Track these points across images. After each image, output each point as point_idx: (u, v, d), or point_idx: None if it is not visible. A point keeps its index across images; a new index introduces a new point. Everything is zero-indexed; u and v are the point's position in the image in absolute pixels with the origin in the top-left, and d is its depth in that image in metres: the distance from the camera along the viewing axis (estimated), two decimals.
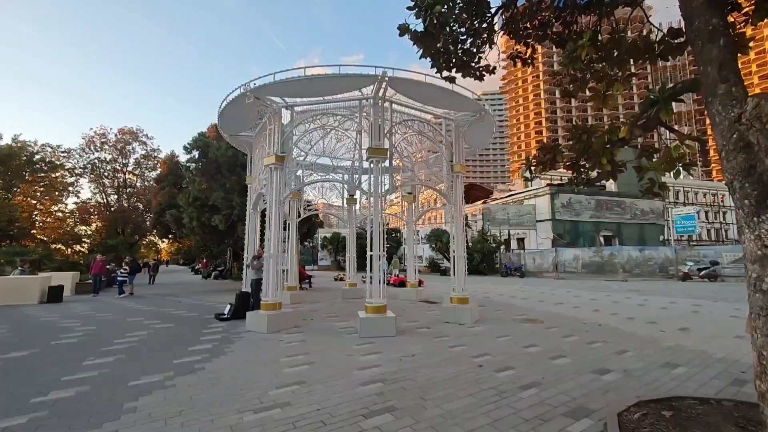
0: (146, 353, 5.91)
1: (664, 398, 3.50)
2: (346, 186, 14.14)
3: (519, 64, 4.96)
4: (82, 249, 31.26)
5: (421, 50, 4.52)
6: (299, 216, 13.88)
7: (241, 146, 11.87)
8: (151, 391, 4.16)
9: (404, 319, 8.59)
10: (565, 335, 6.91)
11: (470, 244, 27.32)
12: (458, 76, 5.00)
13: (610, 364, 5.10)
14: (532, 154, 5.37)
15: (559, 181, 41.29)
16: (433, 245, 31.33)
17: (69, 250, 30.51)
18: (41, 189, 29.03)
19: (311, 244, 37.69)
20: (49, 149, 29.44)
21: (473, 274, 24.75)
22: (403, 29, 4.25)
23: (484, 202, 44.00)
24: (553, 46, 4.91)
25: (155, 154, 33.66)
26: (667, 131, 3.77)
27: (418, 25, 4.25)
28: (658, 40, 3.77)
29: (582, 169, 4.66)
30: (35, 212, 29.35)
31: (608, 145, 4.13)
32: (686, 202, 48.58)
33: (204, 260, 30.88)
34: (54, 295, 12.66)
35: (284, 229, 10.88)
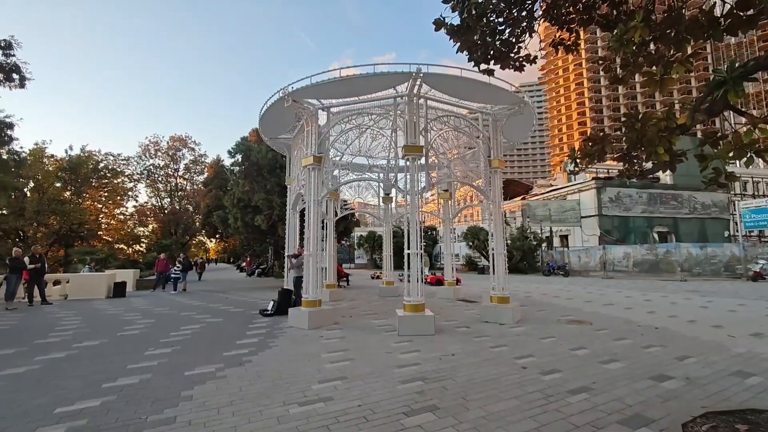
0: (199, 345, 6.31)
1: (737, 410, 3.18)
2: (381, 184, 14.22)
3: (561, 52, 4.71)
4: (141, 248, 33.97)
5: (458, 44, 4.42)
6: (336, 215, 14.16)
7: (280, 148, 12.31)
8: (204, 381, 4.43)
9: (442, 318, 8.49)
10: (617, 338, 6.49)
11: (509, 241, 26.46)
12: (496, 68, 4.84)
13: (669, 370, 4.72)
14: (575, 146, 5.08)
15: (606, 174, 38.82)
16: (470, 243, 30.71)
17: (129, 249, 33.28)
18: (105, 194, 31.89)
19: (348, 243, 38.32)
20: (111, 158, 32.26)
21: (513, 272, 23.94)
22: (439, 24, 4.18)
23: (524, 198, 42.38)
24: (598, 30, 4.61)
25: (202, 159, 35.87)
26: (734, 115, 3.41)
27: (454, 19, 4.16)
28: (724, 13, 3.42)
29: (635, 160, 4.34)
30: (101, 215, 32.30)
31: (665, 133, 3.81)
32: (756, 194, 43.75)
33: (248, 258, 32.44)
34: (118, 290, 13.87)
35: (322, 228, 11.14)
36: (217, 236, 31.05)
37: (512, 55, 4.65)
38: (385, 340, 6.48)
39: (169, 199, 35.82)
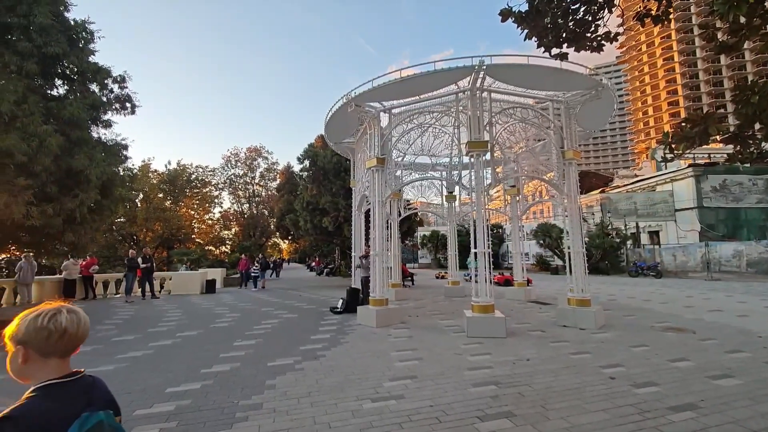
0: (278, 339, 6.83)
1: None
2: (444, 183, 14.01)
3: (648, 24, 4.18)
4: (226, 249, 37.85)
5: (526, 31, 4.18)
6: (400, 215, 14.28)
7: (344, 152, 12.79)
8: (285, 372, 4.79)
9: (514, 320, 8.08)
10: (730, 350, 5.55)
11: (587, 239, 24.17)
12: (570, 51, 4.47)
13: None
14: (666, 129, 4.46)
15: (707, 160, 33.53)
16: (541, 241, 28.71)
17: (217, 250, 37.28)
18: (197, 202, 36.12)
19: (411, 243, 38.40)
20: (200, 169, 36.52)
21: (593, 273, 21.78)
22: (506, 13, 3.99)
23: (603, 191, 38.43)
24: None
25: (275, 167, 38.87)
26: None
27: (521, 6, 3.94)
28: None
29: (750, 141, 3.68)
30: (193, 221, 36.67)
31: None
32: None
33: (317, 258, 34.31)
34: (209, 287, 15.63)
35: (386, 228, 11.32)
36: (289, 237, 33.34)
37: (588, 35, 4.27)
38: (453, 341, 6.36)
39: (247, 205, 39.46)
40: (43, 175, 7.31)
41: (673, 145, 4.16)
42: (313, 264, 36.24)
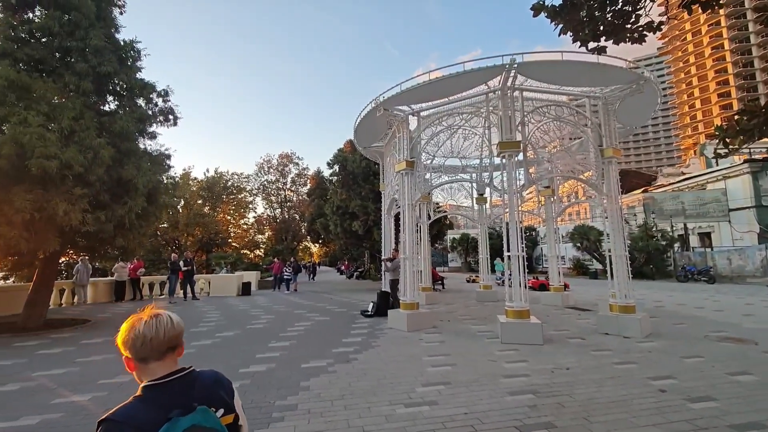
0: (311, 341, 6.95)
1: None
2: (474, 185, 13.75)
3: (695, 11, 3.90)
4: (260, 253, 39.15)
5: (560, 26, 4.04)
6: (429, 218, 14.16)
7: (373, 156, 12.88)
8: (318, 374, 4.85)
9: (551, 327, 7.75)
10: None
11: (629, 241, 22.80)
12: (608, 44, 4.27)
13: None
14: (718, 122, 4.11)
15: (765, 155, 30.78)
16: (578, 244, 27.42)
17: (251, 254, 38.63)
18: (233, 207, 37.68)
19: (441, 246, 37.96)
20: (236, 176, 38.08)
21: (636, 278, 20.43)
22: (538, 8, 3.87)
23: (645, 191, 36.20)
24: None
25: (305, 172, 39.88)
26: None
27: (554, 0, 3.81)
28: None
29: None
30: (230, 225, 38.26)
31: None
32: None
33: (347, 262, 34.70)
34: (245, 289, 16.21)
35: (416, 231, 11.26)
36: (320, 241, 34.00)
37: (628, 26, 4.06)
38: (487, 347, 6.19)
39: (279, 210, 40.67)
40: (97, 184, 7.89)
41: (728, 140, 3.85)
42: (343, 267, 36.68)
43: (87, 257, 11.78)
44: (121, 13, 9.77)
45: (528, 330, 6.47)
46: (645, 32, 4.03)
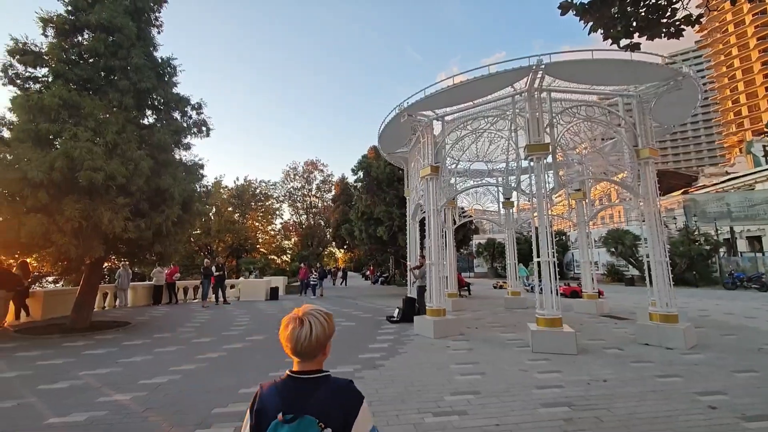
0: (338, 346, 6.99)
1: None
2: (501, 189, 13.48)
3: (739, 1, 3.67)
4: (286, 259, 40.00)
5: (590, 24, 3.92)
6: (455, 223, 14.00)
7: (397, 162, 12.90)
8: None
9: (585, 336, 7.42)
10: None
11: (669, 246, 21.54)
12: (642, 40, 4.10)
13: None
14: (767, 118, 3.83)
15: None
16: (612, 249, 26.18)
17: (278, 259, 39.54)
18: (261, 214, 38.80)
19: (467, 251, 37.37)
20: (263, 184, 39.25)
21: (678, 285, 19.19)
22: (566, 6, 3.78)
23: (685, 192, 34.16)
24: None
25: (330, 179, 40.49)
26: None
27: None
28: None
29: None
30: (258, 232, 39.39)
31: None
32: None
33: (372, 267, 34.82)
34: (273, 294, 16.59)
35: (441, 236, 11.15)
36: (345, 247, 34.32)
37: (664, 20, 3.89)
38: (517, 356, 6.01)
39: (305, 216, 41.46)
40: (137, 194, 8.37)
41: None
42: (368, 273, 36.81)
43: (127, 263, 12.46)
44: (158, 32, 10.38)
45: (561, 339, 6.23)
46: (683, 26, 3.85)
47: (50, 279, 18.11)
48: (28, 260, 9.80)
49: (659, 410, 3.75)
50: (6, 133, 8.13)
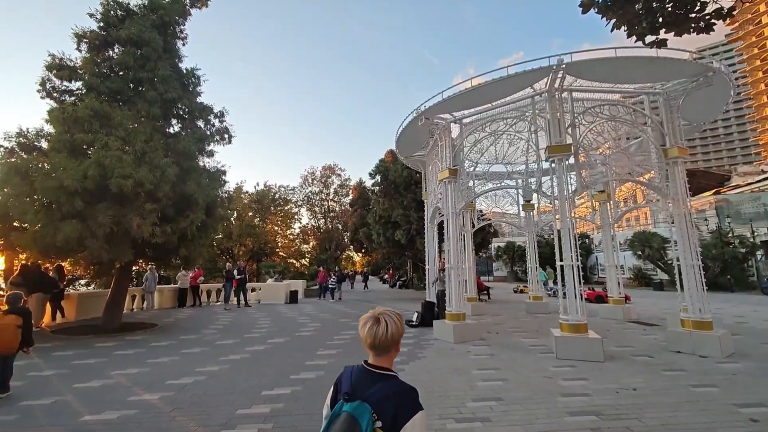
0: (357, 349, 7.02)
1: None
2: (520, 191, 13.25)
3: None
4: (305, 262, 40.49)
5: (613, 21, 3.84)
6: (473, 226, 13.84)
7: (415, 165, 12.89)
8: None
9: (612, 342, 7.17)
10: None
11: (701, 249, 20.56)
12: (669, 36, 3.98)
13: None
14: None
15: None
16: (639, 252, 25.22)
17: (297, 263, 40.08)
18: (280, 219, 39.49)
19: (486, 255, 36.83)
20: (282, 189, 39.97)
21: (711, 289, 18.30)
22: (587, 4, 3.72)
23: (718, 192, 32.59)
24: None
25: (348, 183, 40.85)
26: None
27: None
28: None
29: None
30: (277, 236, 40.08)
31: None
32: None
33: (390, 271, 34.79)
34: (292, 297, 16.79)
35: (460, 240, 11.04)
36: (363, 250, 34.44)
37: (693, 15, 3.75)
38: (540, 362, 5.86)
39: (323, 220, 41.91)
40: (164, 200, 8.69)
41: None
42: (386, 276, 36.78)
43: (154, 266, 12.91)
44: (183, 45, 10.79)
45: (586, 345, 6.04)
46: (713, 20, 3.71)
47: (82, 282, 18.98)
48: (63, 264, 10.31)
49: (696, 421, 3.58)
50: (44, 144, 8.61)
